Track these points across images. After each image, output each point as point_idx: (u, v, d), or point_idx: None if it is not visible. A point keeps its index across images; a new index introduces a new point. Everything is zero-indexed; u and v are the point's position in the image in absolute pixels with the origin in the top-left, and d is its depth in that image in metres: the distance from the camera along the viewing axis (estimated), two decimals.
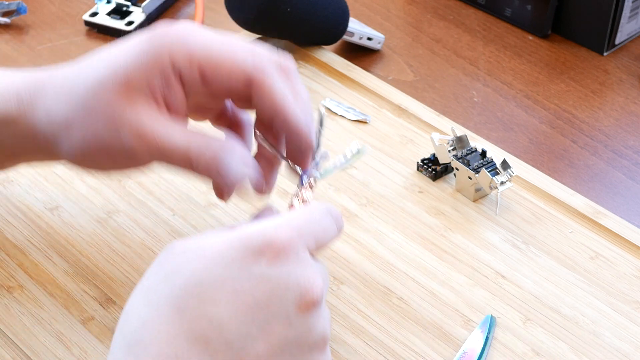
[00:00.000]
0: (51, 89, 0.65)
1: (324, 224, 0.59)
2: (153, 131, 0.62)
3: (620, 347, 0.68)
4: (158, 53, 0.62)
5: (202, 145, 0.62)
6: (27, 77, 0.67)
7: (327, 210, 0.60)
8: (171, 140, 0.62)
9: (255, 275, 0.54)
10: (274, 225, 0.56)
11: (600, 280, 0.72)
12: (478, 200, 0.78)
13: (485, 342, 0.67)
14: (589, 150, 0.86)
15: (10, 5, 0.99)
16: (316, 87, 0.89)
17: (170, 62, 0.62)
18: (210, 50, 0.62)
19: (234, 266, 0.54)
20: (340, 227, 0.61)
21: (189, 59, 0.62)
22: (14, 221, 0.75)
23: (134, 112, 0.62)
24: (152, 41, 0.62)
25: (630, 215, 0.79)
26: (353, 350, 0.67)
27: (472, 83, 0.93)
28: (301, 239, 0.56)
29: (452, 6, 1.03)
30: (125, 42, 0.64)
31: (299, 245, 0.56)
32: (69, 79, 0.65)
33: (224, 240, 0.55)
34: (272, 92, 0.63)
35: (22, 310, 0.69)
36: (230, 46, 0.63)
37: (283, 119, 0.63)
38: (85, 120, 0.63)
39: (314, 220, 0.58)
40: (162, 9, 1.02)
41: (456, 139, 0.79)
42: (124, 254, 0.73)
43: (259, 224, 0.56)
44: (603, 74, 0.95)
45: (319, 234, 0.58)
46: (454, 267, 0.73)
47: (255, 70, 0.62)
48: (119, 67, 0.62)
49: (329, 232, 0.59)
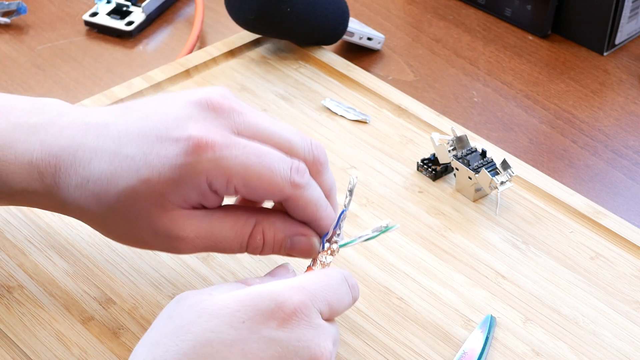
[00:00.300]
0: (75, 178, 0.62)
1: (339, 292, 0.58)
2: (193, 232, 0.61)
3: (620, 347, 0.68)
4: (195, 174, 0.59)
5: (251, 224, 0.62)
6: (44, 152, 0.63)
7: (343, 278, 0.59)
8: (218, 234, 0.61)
9: (265, 339, 0.54)
10: (287, 287, 0.55)
11: (600, 280, 0.72)
12: (478, 200, 0.78)
13: (485, 342, 0.67)
14: (589, 150, 0.86)
15: (10, 5, 0.99)
16: (316, 87, 0.89)
17: (207, 184, 0.60)
18: (247, 172, 0.60)
19: (244, 328, 0.54)
20: (356, 297, 0.60)
21: (225, 183, 0.60)
22: (14, 221, 0.75)
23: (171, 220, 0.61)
24: (188, 158, 0.59)
25: (630, 215, 0.79)
26: (353, 350, 0.67)
27: (472, 83, 0.93)
28: (314, 303, 0.56)
29: (452, 6, 1.03)
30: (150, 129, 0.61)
31: (311, 310, 0.55)
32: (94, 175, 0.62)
33: (235, 300, 0.55)
34: (306, 206, 0.62)
35: (22, 310, 0.69)
36: (268, 163, 0.60)
37: (315, 224, 0.63)
38: (119, 222, 0.62)
39: (329, 287, 0.58)
40: (162, 9, 1.02)
41: (456, 139, 0.79)
42: (124, 254, 0.73)
43: (272, 285, 0.56)
44: (603, 74, 0.95)
45: (333, 301, 0.57)
46: (454, 267, 0.73)
47: (293, 189, 0.61)
48: (153, 179, 0.60)
49: (343, 301, 0.59)
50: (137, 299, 0.70)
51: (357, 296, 0.61)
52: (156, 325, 0.56)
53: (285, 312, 0.54)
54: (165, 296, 0.70)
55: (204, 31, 0.99)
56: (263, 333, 0.54)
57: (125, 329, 0.68)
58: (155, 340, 0.54)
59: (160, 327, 0.55)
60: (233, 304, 0.54)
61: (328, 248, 0.64)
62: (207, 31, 0.99)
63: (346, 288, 0.59)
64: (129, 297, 0.70)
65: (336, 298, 0.58)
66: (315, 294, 0.56)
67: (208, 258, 0.73)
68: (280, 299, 0.54)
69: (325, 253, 0.64)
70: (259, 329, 0.54)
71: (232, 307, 0.54)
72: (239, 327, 0.53)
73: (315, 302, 0.56)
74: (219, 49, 0.92)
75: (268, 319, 0.54)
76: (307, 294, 0.56)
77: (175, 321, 0.54)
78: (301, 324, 0.54)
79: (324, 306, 0.57)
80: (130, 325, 0.68)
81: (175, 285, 0.71)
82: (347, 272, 0.60)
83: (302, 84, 0.89)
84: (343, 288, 0.59)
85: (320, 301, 0.56)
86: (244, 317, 0.54)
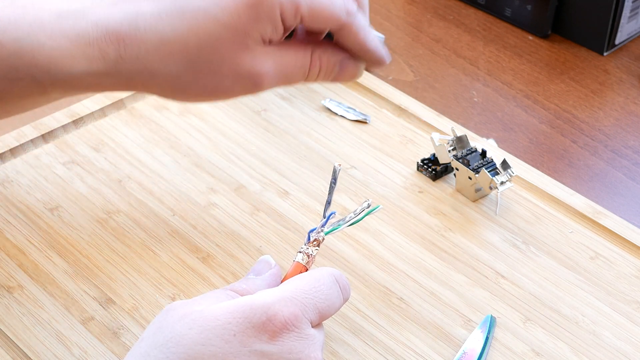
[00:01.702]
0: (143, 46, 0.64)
1: (330, 298, 0.58)
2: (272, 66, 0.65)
3: (620, 347, 0.68)
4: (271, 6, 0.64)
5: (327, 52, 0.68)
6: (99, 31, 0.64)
7: (334, 280, 0.59)
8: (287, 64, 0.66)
9: (256, 352, 0.54)
10: (278, 298, 0.55)
11: (600, 280, 0.72)
12: (478, 200, 0.78)
13: (485, 342, 0.67)
14: (589, 150, 0.86)
15: None
16: (316, 87, 0.89)
17: (280, 16, 0.64)
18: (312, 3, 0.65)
19: (235, 341, 0.53)
20: (347, 297, 0.60)
21: (294, 12, 0.64)
22: (14, 221, 0.75)
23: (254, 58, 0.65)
24: None
25: (630, 215, 0.79)
26: (353, 350, 0.67)
27: (472, 83, 0.93)
28: (305, 314, 0.56)
29: (452, 6, 1.03)
30: None
31: (302, 321, 0.55)
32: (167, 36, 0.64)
33: (226, 312, 0.54)
34: (358, 34, 0.67)
35: (22, 310, 0.69)
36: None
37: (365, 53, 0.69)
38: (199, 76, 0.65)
39: (320, 293, 0.57)
40: None
41: (456, 139, 0.79)
42: (124, 254, 0.73)
43: (263, 296, 0.56)
44: (603, 74, 0.95)
45: (323, 308, 0.57)
46: (454, 267, 0.73)
47: (348, 18, 0.66)
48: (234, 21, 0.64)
49: (334, 306, 0.59)
50: (137, 299, 0.70)
51: (348, 296, 0.61)
52: (146, 336, 0.55)
53: (276, 325, 0.54)
54: (166, 296, 0.70)
55: None
56: (254, 346, 0.53)
57: (125, 329, 0.68)
58: (145, 352, 0.54)
59: (150, 338, 0.55)
60: (224, 316, 0.54)
61: (314, 239, 0.64)
62: None
63: (337, 291, 0.59)
64: (129, 297, 0.70)
65: (327, 305, 0.58)
66: (306, 304, 0.56)
67: (208, 258, 0.73)
68: (272, 312, 0.54)
69: (310, 245, 0.64)
70: (250, 343, 0.54)
71: (223, 319, 0.54)
72: (230, 340, 0.53)
73: (306, 313, 0.56)
74: None
75: (259, 332, 0.54)
76: (298, 305, 0.56)
77: (165, 332, 0.54)
78: (292, 336, 0.54)
79: (314, 315, 0.57)
80: (130, 325, 0.68)
81: (176, 285, 0.71)
82: (337, 272, 0.60)
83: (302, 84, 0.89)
84: (334, 292, 0.59)
85: (311, 310, 0.56)
86: (235, 329, 0.54)
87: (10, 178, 0.79)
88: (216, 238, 0.74)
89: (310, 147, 0.83)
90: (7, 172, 0.79)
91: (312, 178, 0.79)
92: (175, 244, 0.74)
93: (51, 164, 0.80)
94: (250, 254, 0.73)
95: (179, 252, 0.73)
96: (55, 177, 0.79)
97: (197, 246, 0.74)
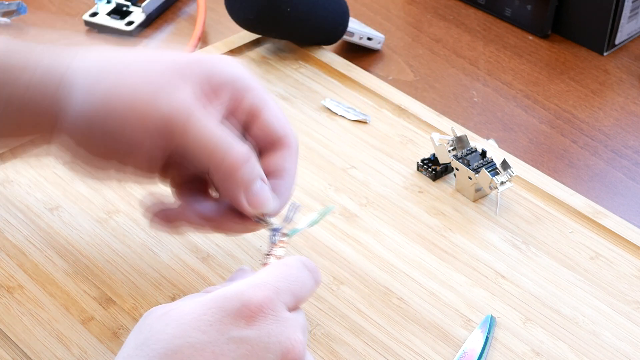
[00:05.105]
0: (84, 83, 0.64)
1: (301, 279, 0.58)
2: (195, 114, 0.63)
3: (620, 347, 0.68)
4: None
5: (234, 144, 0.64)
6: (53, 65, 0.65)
7: (302, 264, 0.59)
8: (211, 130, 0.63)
9: (235, 338, 0.54)
10: (250, 285, 0.56)
11: (600, 280, 0.72)
12: (478, 200, 0.78)
13: (485, 342, 0.67)
14: (589, 150, 0.86)
15: (10, 5, 0.99)
16: (316, 87, 0.89)
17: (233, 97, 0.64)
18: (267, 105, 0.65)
19: (212, 330, 0.54)
20: (318, 279, 0.60)
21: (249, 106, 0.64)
22: (14, 221, 0.75)
23: (184, 92, 0.63)
24: None
25: (630, 215, 0.79)
26: (353, 350, 0.67)
27: (472, 83, 0.94)
28: (279, 297, 0.56)
29: (452, 6, 1.03)
30: None
31: (277, 304, 0.55)
32: None
33: (201, 305, 0.55)
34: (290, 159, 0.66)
35: (22, 310, 0.69)
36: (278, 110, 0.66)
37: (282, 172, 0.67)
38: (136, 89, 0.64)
39: (291, 276, 0.58)
40: (162, 9, 1.02)
41: (456, 139, 0.79)
42: (124, 254, 0.73)
43: (235, 285, 0.56)
44: (603, 74, 0.95)
45: (297, 290, 0.58)
46: (454, 267, 0.73)
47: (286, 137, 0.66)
48: (175, 64, 0.64)
49: (306, 287, 0.59)
50: (137, 299, 0.70)
51: (319, 279, 0.61)
52: (128, 340, 0.56)
53: (251, 310, 0.54)
54: (166, 296, 0.70)
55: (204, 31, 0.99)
56: (232, 334, 0.54)
57: (125, 329, 0.68)
58: (127, 354, 0.54)
59: (131, 341, 0.55)
60: (199, 309, 0.54)
61: (279, 241, 0.64)
62: (207, 31, 0.99)
63: (307, 274, 0.59)
64: (129, 297, 0.70)
65: (299, 286, 0.58)
66: (278, 287, 0.56)
67: (208, 258, 0.73)
68: (245, 297, 0.55)
69: (277, 247, 0.64)
70: (228, 330, 0.54)
71: (198, 311, 0.54)
72: (207, 330, 0.54)
73: (280, 295, 0.56)
74: (219, 49, 0.92)
75: (235, 319, 0.54)
76: (270, 289, 0.56)
77: (144, 333, 0.55)
78: (268, 319, 0.55)
79: (289, 297, 0.57)
80: (130, 325, 0.68)
81: (175, 286, 0.71)
82: (304, 258, 0.60)
83: (302, 84, 0.89)
84: (304, 274, 0.59)
85: (285, 293, 0.56)
86: (211, 319, 0.54)
87: (10, 178, 0.79)
88: (216, 238, 0.74)
89: (310, 147, 0.83)
90: (7, 172, 0.79)
91: (312, 178, 0.79)
92: (175, 244, 0.74)
93: (51, 164, 0.79)
94: (250, 254, 0.73)
95: (179, 252, 0.73)
96: (55, 177, 0.79)
97: (197, 246, 0.74)
